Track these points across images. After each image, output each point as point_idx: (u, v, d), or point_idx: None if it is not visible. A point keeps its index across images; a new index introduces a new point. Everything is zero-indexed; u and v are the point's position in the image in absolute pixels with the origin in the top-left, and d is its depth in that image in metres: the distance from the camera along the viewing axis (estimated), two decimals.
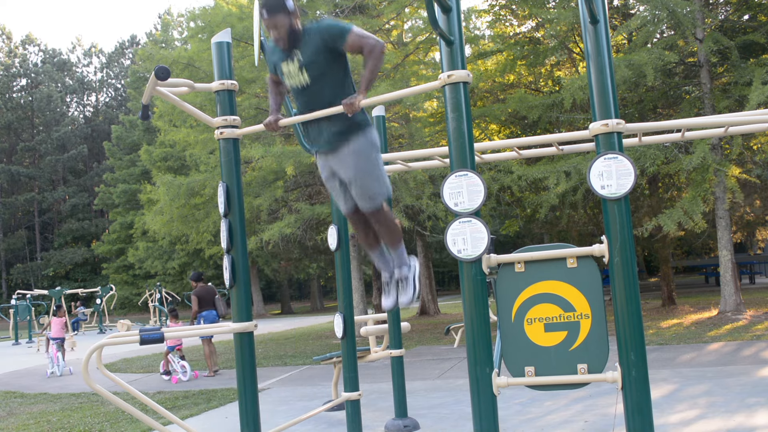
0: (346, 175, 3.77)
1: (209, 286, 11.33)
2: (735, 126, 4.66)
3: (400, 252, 3.97)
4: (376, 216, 3.80)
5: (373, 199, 3.75)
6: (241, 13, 13.37)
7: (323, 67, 3.65)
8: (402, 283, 3.94)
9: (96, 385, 3.72)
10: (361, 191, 3.74)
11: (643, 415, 3.00)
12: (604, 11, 3.18)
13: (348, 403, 5.24)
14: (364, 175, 3.72)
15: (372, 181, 3.74)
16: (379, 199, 3.76)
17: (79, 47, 57.82)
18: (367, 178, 3.73)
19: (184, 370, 10.46)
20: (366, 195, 3.74)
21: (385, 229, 3.85)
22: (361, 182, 3.72)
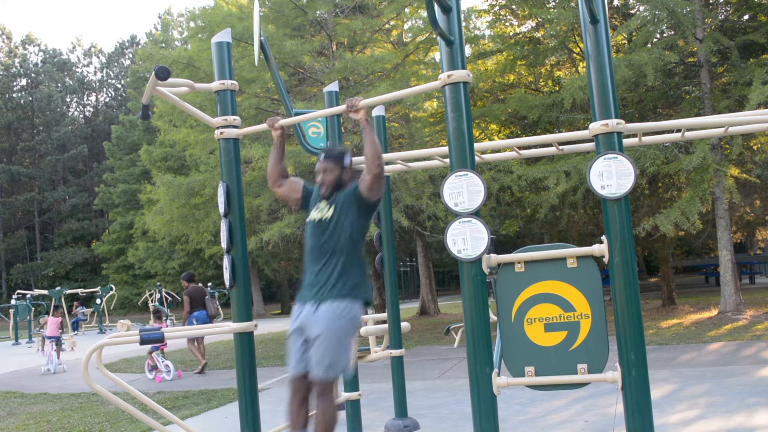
0: (315, 331, 3.55)
1: (200, 287, 11.47)
2: (735, 126, 4.66)
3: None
4: (321, 390, 3.54)
5: (329, 369, 3.51)
6: (241, 13, 13.38)
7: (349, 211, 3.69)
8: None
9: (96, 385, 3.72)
10: (321, 354, 3.51)
11: (643, 415, 3.00)
12: (604, 11, 3.18)
13: (348, 403, 5.24)
14: (332, 339, 3.52)
15: (337, 349, 3.53)
16: (334, 371, 3.53)
17: (79, 47, 57.83)
18: (335, 344, 3.52)
19: (168, 369, 10.57)
20: (325, 361, 3.51)
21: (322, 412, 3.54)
22: (327, 344, 3.51)
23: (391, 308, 5.85)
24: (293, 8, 13.51)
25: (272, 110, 13.67)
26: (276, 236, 13.08)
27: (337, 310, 3.55)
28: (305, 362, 3.61)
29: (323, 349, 3.51)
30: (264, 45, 4.36)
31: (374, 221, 5.94)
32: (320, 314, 3.55)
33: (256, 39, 4.28)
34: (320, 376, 3.52)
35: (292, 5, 13.47)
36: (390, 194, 5.79)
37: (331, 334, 3.51)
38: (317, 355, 3.53)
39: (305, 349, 3.61)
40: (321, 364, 3.52)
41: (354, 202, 3.69)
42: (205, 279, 32.13)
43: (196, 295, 11.19)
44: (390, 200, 5.77)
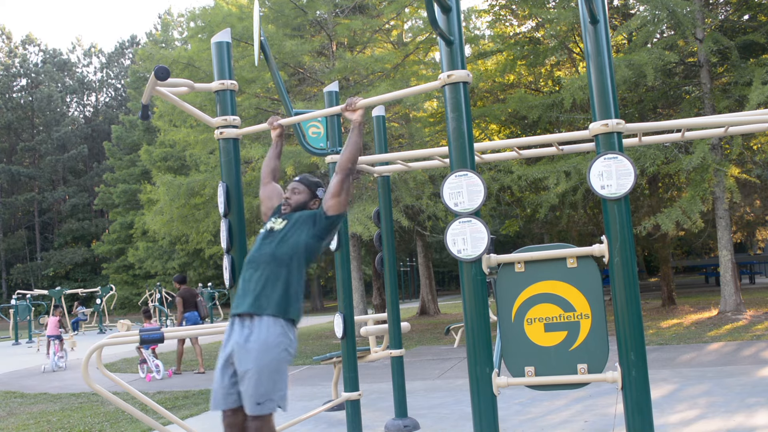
0: (243, 366, 3.25)
1: (191, 288, 11.74)
2: (735, 126, 4.66)
3: None
4: (257, 426, 3.25)
5: (262, 405, 3.22)
6: (241, 13, 13.38)
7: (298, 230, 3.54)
8: None
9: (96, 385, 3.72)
10: (253, 390, 3.22)
11: (643, 415, 3.00)
12: (604, 11, 3.18)
13: (348, 403, 5.24)
14: (264, 370, 3.23)
15: (270, 381, 3.24)
16: (269, 405, 3.24)
17: (79, 47, 57.83)
18: (267, 375, 3.23)
19: (158, 369, 10.75)
20: (257, 394, 3.22)
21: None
22: (258, 377, 3.21)
23: (391, 308, 5.85)
24: (293, 8, 13.51)
25: (272, 110, 13.67)
26: None
27: (269, 338, 3.26)
28: (236, 395, 3.31)
29: (255, 382, 3.22)
30: (264, 45, 4.36)
31: (374, 221, 5.95)
32: (251, 345, 3.26)
33: (256, 39, 4.28)
34: (254, 411, 3.23)
35: (292, 5, 13.47)
36: (390, 194, 5.79)
37: (262, 367, 3.22)
38: (248, 389, 3.23)
39: (234, 381, 3.31)
40: (253, 397, 3.22)
41: (310, 219, 3.56)
42: (205, 279, 32.13)
43: (189, 297, 11.36)
44: (390, 200, 5.77)
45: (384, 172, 5.66)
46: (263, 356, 3.24)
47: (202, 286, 28.51)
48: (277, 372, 3.27)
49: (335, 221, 3.58)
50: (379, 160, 5.34)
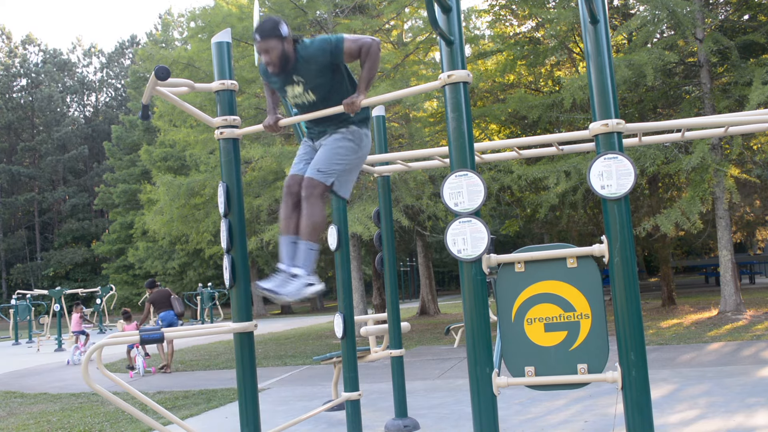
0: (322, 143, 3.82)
1: (163, 289, 12.10)
2: (735, 126, 4.66)
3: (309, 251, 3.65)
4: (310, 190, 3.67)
5: (322, 172, 3.70)
6: (241, 13, 13.38)
7: (328, 86, 3.71)
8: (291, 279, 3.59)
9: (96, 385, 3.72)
10: (319, 159, 3.73)
11: (643, 415, 3.00)
12: (604, 11, 3.18)
13: (348, 403, 5.24)
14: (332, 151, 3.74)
15: (334, 159, 3.72)
16: (327, 176, 3.69)
17: (80, 47, 57.82)
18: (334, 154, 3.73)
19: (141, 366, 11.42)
20: (320, 165, 3.71)
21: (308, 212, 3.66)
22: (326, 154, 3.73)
23: (391, 308, 5.85)
24: (293, 8, 13.51)
25: None
26: (276, 237, 13.08)
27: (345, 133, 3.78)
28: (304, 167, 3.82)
29: (323, 155, 3.72)
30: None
31: (374, 221, 5.95)
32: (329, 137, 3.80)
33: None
34: (312, 175, 3.66)
35: (292, 5, 13.47)
36: (390, 194, 5.79)
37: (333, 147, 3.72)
38: (316, 161, 3.74)
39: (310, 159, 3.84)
40: (316, 167, 3.70)
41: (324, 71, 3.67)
42: (205, 279, 32.13)
43: (160, 298, 11.84)
44: (390, 200, 5.77)
45: (384, 172, 5.66)
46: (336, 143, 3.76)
47: (202, 286, 28.51)
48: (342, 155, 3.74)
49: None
50: (379, 160, 5.34)
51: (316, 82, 3.70)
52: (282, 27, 3.63)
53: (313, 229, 3.63)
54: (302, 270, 3.60)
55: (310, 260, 3.63)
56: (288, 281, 3.55)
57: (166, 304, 11.77)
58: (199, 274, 33.60)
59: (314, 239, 3.65)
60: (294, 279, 3.55)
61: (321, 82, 3.70)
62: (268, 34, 3.61)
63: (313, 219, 3.64)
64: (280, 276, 3.57)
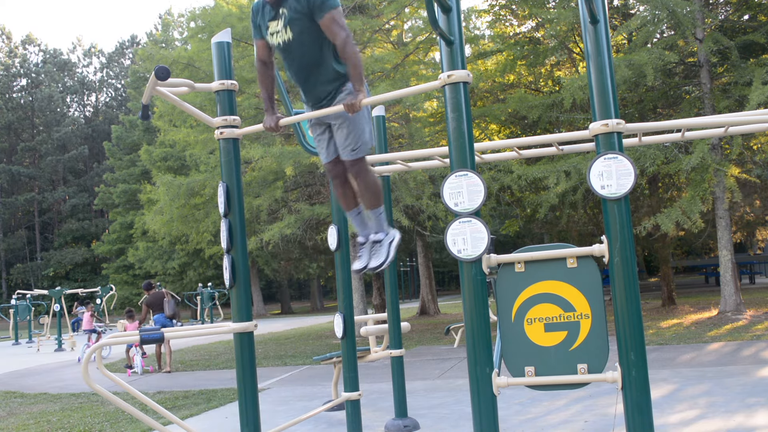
0: (335, 118, 3.77)
1: (159, 292, 12.53)
2: (735, 126, 4.66)
3: (379, 215, 3.83)
4: (355, 168, 3.76)
5: (355, 148, 3.74)
6: (241, 13, 13.38)
7: (304, 25, 3.60)
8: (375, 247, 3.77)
9: (96, 385, 3.72)
10: (344, 136, 3.74)
11: (643, 415, 3.00)
12: (604, 11, 3.18)
13: (348, 403, 5.24)
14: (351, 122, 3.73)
15: (356, 128, 3.73)
16: (360, 148, 3.75)
17: (80, 47, 57.81)
18: (353, 123, 3.73)
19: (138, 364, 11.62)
20: (349, 141, 3.74)
21: (363, 186, 3.77)
22: (347, 126, 3.72)
23: (391, 308, 5.85)
24: None
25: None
26: (276, 236, 13.08)
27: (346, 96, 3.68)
28: (333, 147, 3.83)
29: (346, 130, 3.71)
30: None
31: None
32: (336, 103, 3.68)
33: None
34: (349, 156, 3.73)
35: None
36: (390, 194, 5.79)
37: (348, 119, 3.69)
38: (341, 138, 3.74)
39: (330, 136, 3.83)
40: (347, 145, 3.72)
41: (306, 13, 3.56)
42: (205, 279, 32.13)
43: (155, 301, 12.25)
44: (390, 200, 5.77)
45: (384, 172, 5.66)
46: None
47: (202, 286, 28.51)
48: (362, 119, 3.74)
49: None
50: (379, 160, 5.34)
51: (294, 15, 3.60)
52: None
53: (374, 196, 3.80)
54: (381, 233, 3.80)
55: (382, 220, 3.84)
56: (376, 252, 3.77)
57: (159, 307, 12.17)
58: (199, 274, 33.60)
59: (378, 204, 3.84)
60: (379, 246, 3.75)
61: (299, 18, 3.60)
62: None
63: (369, 189, 3.79)
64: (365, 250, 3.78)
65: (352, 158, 3.75)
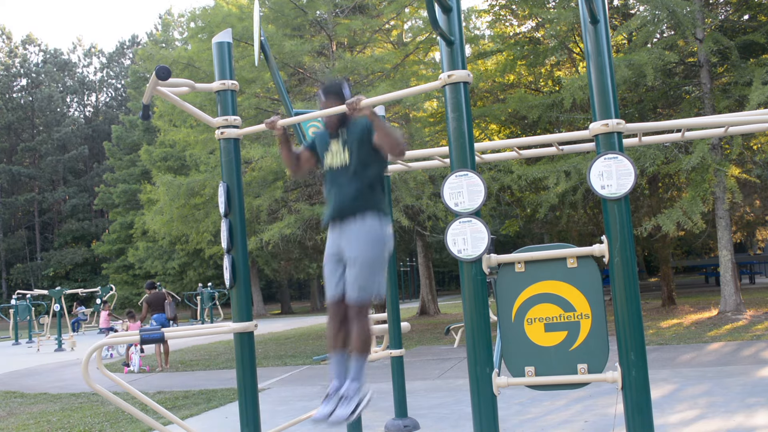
0: (351, 252, 3.65)
1: (160, 292, 12.93)
2: (735, 126, 4.66)
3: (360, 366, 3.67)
4: (357, 312, 3.64)
5: (363, 291, 3.62)
6: (241, 14, 13.38)
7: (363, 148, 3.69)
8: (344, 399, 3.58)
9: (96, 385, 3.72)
10: (356, 276, 3.61)
11: (643, 415, 3.00)
12: (604, 11, 3.18)
13: None
14: (367, 260, 3.62)
15: (371, 272, 3.62)
16: (368, 293, 3.63)
17: (80, 47, 57.83)
18: (369, 266, 3.62)
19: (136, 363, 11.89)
20: (359, 283, 3.61)
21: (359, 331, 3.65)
22: (361, 266, 3.61)
23: (391, 308, 5.85)
24: (293, 8, 13.51)
25: (272, 110, 13.67)
26: (276, 236, 13.08)
27: (371, 227, 3.65)
28: (342, 286, 3.72)
29: (359, 270, 3.61)
30: (264, 45, 4.36)
31: None
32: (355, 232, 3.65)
33: (256, 39, 4.28)
34: (355, 298, 3.62)
35: (292, 5, 13.47)
36: (390, 194, 5.78)
37: (366, 256, 3.62)
38: (352, 277, 3.64)
39: (342, 272, 3.73)
40: (355, 286, 3.62)
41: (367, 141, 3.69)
42: (205, 279, 32.13)
43: (155, 300, 12.59)
44: (390, 200, 5.77)
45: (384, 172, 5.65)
46: (368, 249, 3.63)
47: (202, 286, 28.51)
48: (377, 263, 3.65)
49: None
50: None
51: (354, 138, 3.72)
52: (345, 89, 3.81)
53: (364, 344, 3.68)
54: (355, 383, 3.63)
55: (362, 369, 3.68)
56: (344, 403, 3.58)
57: (160, 307, 12.49)
58: (199, 274, 33.60)
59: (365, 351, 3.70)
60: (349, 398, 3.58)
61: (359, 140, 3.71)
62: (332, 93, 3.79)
63: (364, 335, 3.67)
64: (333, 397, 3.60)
65: (358, 300, 3.63)
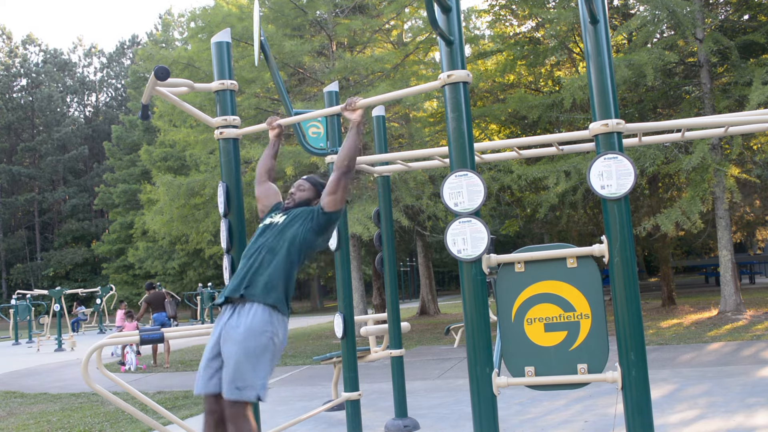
0: (227, 349, 3.23)
1: (159, 292, 13.29)
2: (735, 126, 4.66)
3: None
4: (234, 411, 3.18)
5: (241, 390, 3.17)
6: (241, 13, 13.39)
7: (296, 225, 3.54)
8: None
9: (96, 385, 3.72)
10: (232, 374, 3.19)
11: (643, 415, 3.00)
12: (604, 11, 3.18)
13: (348, 403, 5.24)
14: (245, 356, 3.19)
15: (249, 368, 3.19)
16: (247, 392, 3.18)
17: (81, 47, 57.84)
18: (247, 361, 3.19)
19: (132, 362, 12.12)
20: (236, 380, 3.18)
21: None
22: (237, 362, 3.18)
23: (391, 308, 5.85)
24: (293, 8, 13.51)
25: (272, 110, 13.67)
26: None
27: (254, 324, 3.23)
28: (218, 380, 3.28)
29: (234, 367, 3.19)
30: (264, 45, 4.36)
31: (374, 221, 5.95)
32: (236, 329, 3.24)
33: (256, 39, 4.28)
34: (231, 397, 3.18)
35: (292, 5, 13.47)
36: (390, 194, 5.79)
37: (244, 351, 3.19)
38: (228, 375, 3.20)
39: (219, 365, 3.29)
40: (232, 384, 3.18)
41: (309, 214, 3.58)
42: (205, 279, 32.12)
43: (154, 300, 12.94)
44: (390, 200, 5.77)
45: (384, 172, 5.66)
46: (247, 341, 3.20)
47: (202, 286, 28.51)
48: (258, 359, 3.21)
49: (332, 218, 3.59)
50: (379, 160, 5.34)
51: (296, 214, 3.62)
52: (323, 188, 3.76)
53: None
54: None
55: None
56: None
57: (160, 306, 12.76)
58: (199, 274, 33.59)
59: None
60: None
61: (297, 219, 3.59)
62: (313, 182, 3.82)
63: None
64: None
65: (233, 398, 3.17)
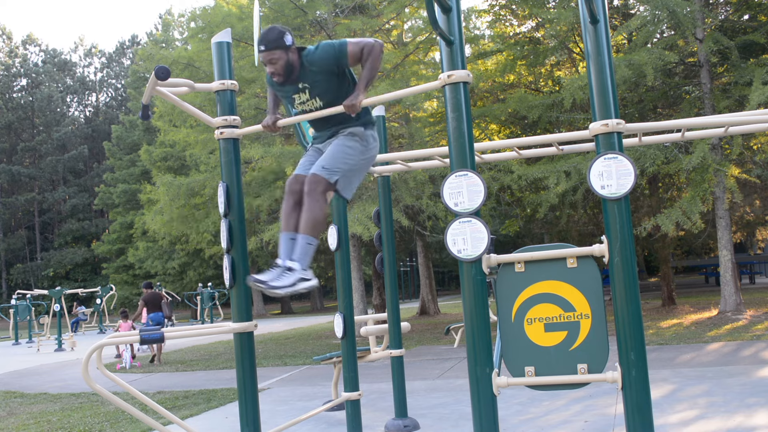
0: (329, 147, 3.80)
1: (156, 292, 13.42)
2: (735, 126, 4.66)
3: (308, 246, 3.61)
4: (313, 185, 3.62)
5: (327, 169, 3.65)
6: (241, 13, 13.38)
7: (335, 91, 3.72)
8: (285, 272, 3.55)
9: (96, 385, 3.72)
10: (325, 157, 3.71)
11: (643, 415, 3.00)
12: (604, 11, 3.18)
13: (348, 403, 5.24)
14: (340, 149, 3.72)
15: (340, 158, 3.70)
16: (331, 173, 3.65)
17: (81, 47, 57.83)
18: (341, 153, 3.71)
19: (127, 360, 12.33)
20: (325, 162, 3.68)
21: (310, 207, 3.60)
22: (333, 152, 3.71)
23: (391, 308, 5.85)
24: (293, 8, 13.50)
25: None
26: (276, 236, 13.08)
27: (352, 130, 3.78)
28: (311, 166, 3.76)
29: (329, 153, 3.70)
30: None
31: (374, 221, 5.95)
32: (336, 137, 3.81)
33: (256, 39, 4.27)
34: (317, 171, 3.63)
35: (292, 5, 13.47)
36: (390, 194, 5.79)
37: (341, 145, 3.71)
38: (322, 157, 3.72)
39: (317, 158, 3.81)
40: (321, 164, 3.66)
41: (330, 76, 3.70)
42: (205, 279, 32.13)
43: (151, 299, 13.06)
44: (390, 200, 5.77)
45: (384, 172, 5.66)
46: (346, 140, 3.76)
47: (202, 286, 28.51)
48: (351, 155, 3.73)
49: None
50: (379, 160, 5.33)
51: (322, 87, 3.72)
52: (286, 36, 3.66)
53: (314, 224, 3.60)
54: (298, 264, 3.56)
55: (307, 255, 3.61)
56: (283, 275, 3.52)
57: (157, 306, 12.94)
58: (199, 274, 33.59)
59: (313, 234, 3.62)
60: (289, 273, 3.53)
61: (327, 87, 3.72)
62: (272, 44, 3.65)
63: (313, 214, 3.59)
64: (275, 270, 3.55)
65: (318, 173, 3.63)
